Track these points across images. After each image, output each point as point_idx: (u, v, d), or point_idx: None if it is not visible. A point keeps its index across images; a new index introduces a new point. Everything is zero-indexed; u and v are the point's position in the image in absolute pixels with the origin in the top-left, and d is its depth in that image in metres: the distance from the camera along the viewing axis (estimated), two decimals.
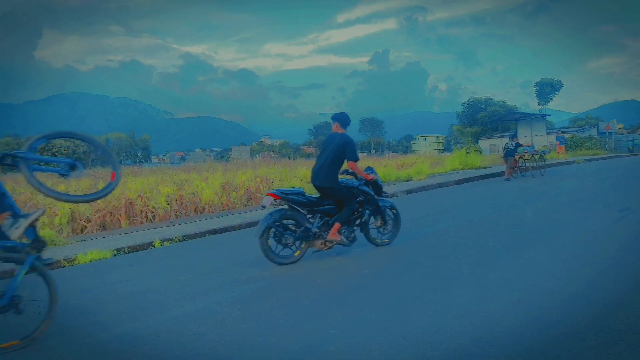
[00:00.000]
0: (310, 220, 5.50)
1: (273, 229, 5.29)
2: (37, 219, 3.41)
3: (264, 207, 5.42)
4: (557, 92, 60.85)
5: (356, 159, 5.68)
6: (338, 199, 5.59)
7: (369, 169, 5.98)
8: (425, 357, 2.89)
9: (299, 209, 5.43)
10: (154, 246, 7.18)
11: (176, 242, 7.41)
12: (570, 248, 5.46)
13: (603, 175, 14.73)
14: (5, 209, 3.37)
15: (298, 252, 5.42)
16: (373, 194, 5.89)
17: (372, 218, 6.02)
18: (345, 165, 5.80)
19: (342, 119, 5.83)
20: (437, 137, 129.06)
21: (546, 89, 60.33)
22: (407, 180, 14.92)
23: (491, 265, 4.90)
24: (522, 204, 9.24)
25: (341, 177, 5.87)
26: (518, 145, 14.82)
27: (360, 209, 5.83)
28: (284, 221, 5.36)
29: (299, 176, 13.93)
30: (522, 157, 15.15)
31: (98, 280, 5.47)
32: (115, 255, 6.70)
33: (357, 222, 5.85)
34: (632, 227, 6.47)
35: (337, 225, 5.46)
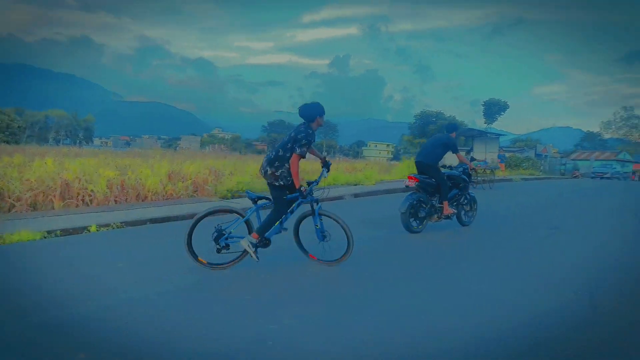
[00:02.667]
0: (432, 199, 7.22)
1: (413, 207, 6.94)
2: None
3: (406, 187, 7.17)
4: (502, 113, 64.03)
5: (457, 152, 7.53)
6: (437, 179, 7.22)
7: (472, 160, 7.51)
8: (360, 355, 2.95)
9: (426, 191, 7.16)
10: (89, 231, 6.81)
11: (114, 228, 7.07)
12: (504, 259, 5.79)
13: (541, 194, 15.70)
14: None
15: (421, 225, 7.07)
16: (469, 181, 7.80)
17: (465, 202, 7.79)
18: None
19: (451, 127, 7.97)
20: (388, 145, 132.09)
21: (493, 109, 63.31)
22: (356, 185, 15.14)
23: (423, 276, 5.07)
24: None
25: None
26: (473, 159, 15.72)
27: (460, 193, 7.66)
28: (419, 201, 7.01)
29: (248, 171, 13.76)
30: (475, 171, 15.95)
31: (25, 263, 5.12)
32: (45, 238, 6.28)
33: (456, 202, 7.61)
34: (559, 243, 6.97)
35: (446, 202, 7.23)
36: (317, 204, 5.00)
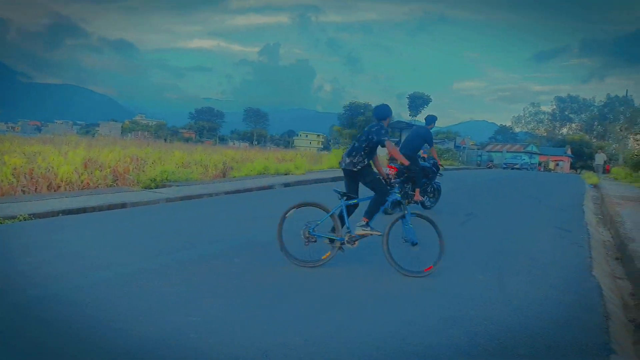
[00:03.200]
0: (406, 187, 7.87)
1: None
2: None
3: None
4: (426, 106, 67.11)
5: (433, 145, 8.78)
6: (414, 169, 7.65)
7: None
8: (285, 344, 2.98)
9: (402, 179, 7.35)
10: None
11: (21, 220, 6.47)
12: None
13: (458, 183, 16.70)
14: None
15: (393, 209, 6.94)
16: (437, 173, 8.84)
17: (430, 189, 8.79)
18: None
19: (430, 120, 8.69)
20: (318, 135, 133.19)
21: (417, 102, 66.15)
22: (286, 174, 15.15)
23: (347, 264, 5.22)
24: None
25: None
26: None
27: (427, 182, 8.62)
28: None
29: (174, 160, 13.22)
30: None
31: None
32: None
33: (423, 190, 8.50)
34: (473, 228, 7.49)
35: (417, 190, 8.07)
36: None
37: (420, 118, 66.80)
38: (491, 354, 2.97)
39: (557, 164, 56.16)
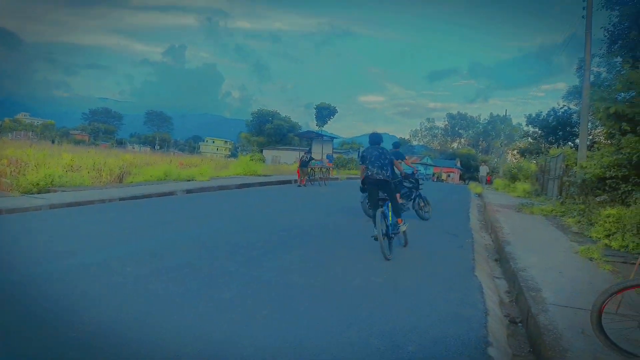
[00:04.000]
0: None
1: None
2: None
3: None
4: (332, 117, 69.13)
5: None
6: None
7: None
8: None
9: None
10: None
11: None
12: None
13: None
14: None
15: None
16: (412, 185, 9.87)
17: (418, 200, 9.85)
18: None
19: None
20: (226, 142, 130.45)
21: (324, 112, 67.88)
22: (189, 180, 14.58)
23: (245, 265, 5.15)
24: (310, 204, 10.12)
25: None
26: (312, 158, 18.08)
27: (409, 192, 9.83)
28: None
29: (62, 163, 12.01)
30: (313, 169, 18.30)
31: None
32: None
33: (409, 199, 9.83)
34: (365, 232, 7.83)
35: (398, 194, 8.62)
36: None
37: (327, 128, 68.60)
38: (383, 352, 3.10)
39: (449, 175, 61.25)
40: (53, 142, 29.56)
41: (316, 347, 3.11)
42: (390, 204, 6.39)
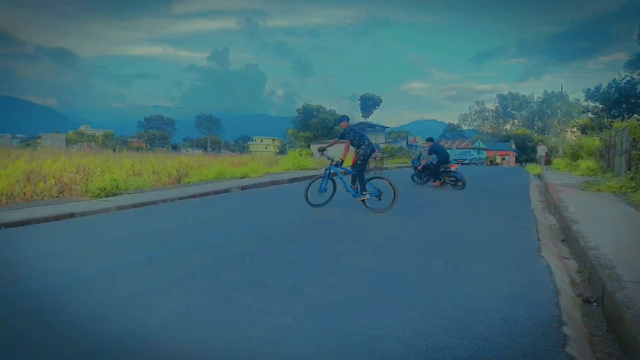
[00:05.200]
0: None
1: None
2: None
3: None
4: (377, 107, 68.45)
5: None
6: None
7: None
8: (248, 336, 2.93)
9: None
10: None
11: None
12: (382, 233, 6.22)
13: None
14: None
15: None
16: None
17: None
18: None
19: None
20: (274, 139, 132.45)
21: (368, 103, 67.35)
22: (242, 178, 14.98)
23: (313, 259, 5.22)
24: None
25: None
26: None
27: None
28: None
29: (124, 168, 12.74)
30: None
31: None
32: None
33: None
34: (428, 217, 7.70)
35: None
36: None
37: (372, 119, 68.09)
38: (448, 332, 3.05)
39: (504, 158, 58.88)
40: (114, 150, 31.33)
41: (382, 328, 3.11)
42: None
